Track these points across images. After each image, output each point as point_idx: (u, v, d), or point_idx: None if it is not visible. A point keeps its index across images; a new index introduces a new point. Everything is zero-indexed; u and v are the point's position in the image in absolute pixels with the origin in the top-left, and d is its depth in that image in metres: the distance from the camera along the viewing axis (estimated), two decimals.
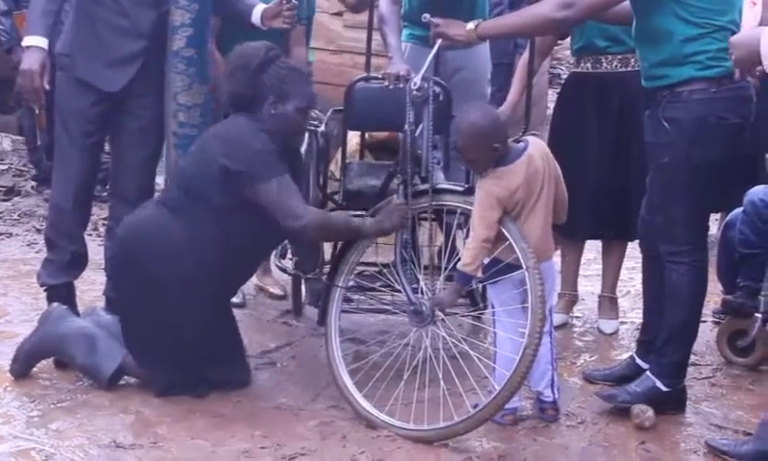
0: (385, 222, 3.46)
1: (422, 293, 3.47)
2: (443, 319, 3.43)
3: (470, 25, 3.54)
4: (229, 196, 3.44)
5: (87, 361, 3.67)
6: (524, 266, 3.28)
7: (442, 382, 3.36)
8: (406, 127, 3.47)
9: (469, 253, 3.33)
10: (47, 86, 3.71)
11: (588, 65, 4.36)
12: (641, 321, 3.92)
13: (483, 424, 3.29)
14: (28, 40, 3.75)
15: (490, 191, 3.34)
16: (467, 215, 3.75)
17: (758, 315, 3.66)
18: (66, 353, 3.73)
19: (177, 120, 3.95)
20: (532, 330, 3.22)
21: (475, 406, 3.36)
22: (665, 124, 3.33)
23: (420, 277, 3.48)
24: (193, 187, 3.52)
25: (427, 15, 3.59)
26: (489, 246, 3.34)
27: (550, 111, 5.44)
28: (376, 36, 4.31)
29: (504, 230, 3.33)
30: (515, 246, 3.30)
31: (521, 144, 3.47)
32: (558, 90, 5.47)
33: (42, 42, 3.72)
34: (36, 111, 6.52)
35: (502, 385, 3.24)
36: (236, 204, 3.44)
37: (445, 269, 3.58)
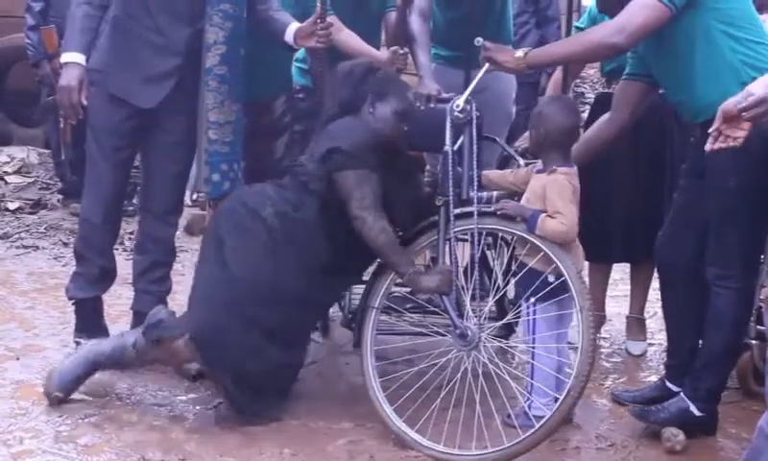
0: (426, 281, 3.42)
1: (467, 317, 3.44)
2: (485, 344, 3.41)
3: (519, 53, 3.53)
4: (322, 183, 3.47)
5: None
6: (577, 307, 3.26)
7: (478, 406, 3.34)
8: (447, 147, 3.47)
9: (562, 227, 3.35)
10: (85, 102, 3.72)
11: None
12: None
13: (515, 458, 3.27)
14: (66, 57, 3.77)
15: (567, 185, 3.43)
16: (495, 237, 3.76)
17: None
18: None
19: (207, 137, 3.96)
20: (579, 372, 3.21)
21: (508, 416, 3.41)
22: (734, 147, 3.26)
23: (467, 300, 3.46)
24: (300, 173, 3.56)
25: (480, 39, 3.59)
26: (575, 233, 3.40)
27: None
28: None
29: (561, 266, 3.31)
30: (570, 284, 3.28)
31: None
32: (584, 111, 5.46)
33: (81, 59, 3.74)
34: (62, 125, 6.56)
35: (542, 423, 3.23)
36: (327, 199, 3.47)
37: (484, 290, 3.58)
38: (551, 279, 3.39)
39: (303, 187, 3.54)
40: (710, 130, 2.93)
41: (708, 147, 2.96)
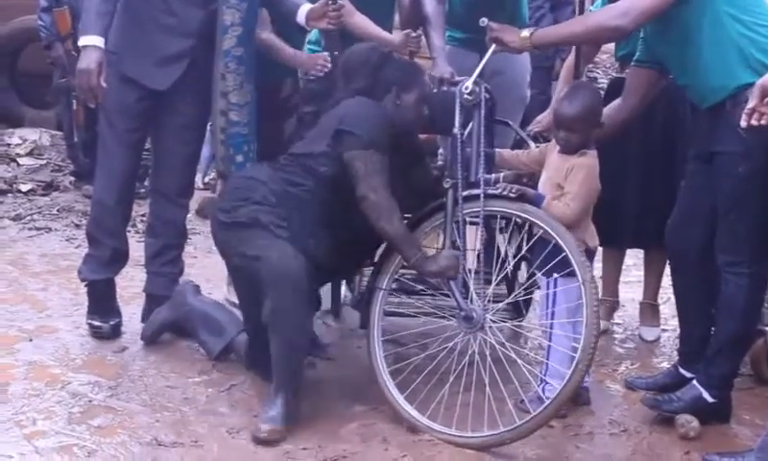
0: (432, 265, 3.40)
1: (472, 300, 3.42)
2: (491, 326, 3.41)
3: (525, 33, 3.51)
4: (332, 163, 3.44)
5: (203, 336, 3.90)
6: (580, 280, 3.25)
7: (488, 388, 3.34)
8: (455, 130, 3.46)
9: (566, 209, 3.39)
10: (104, 85, 3.71)
11: None
12: None
13: (529, 436, 3.27)
14: (84, 40, 3.73)
15: (595, 165, 3.48)
16: (508, 220, 3.75)
17: None
18: (190, 327, 3.94)
19: (228, 119, 3.96)
20: (586, 345, 3.19)
21: (521, 402, 3.41)
22: (742, 133, 3.18)
23: (471, 283, 3.45)
24: (302, 161, 3.52)
25: (485, 19, 3.57)
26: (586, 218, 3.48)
27: None
28: None
29: (561, 242, 3.31)
30: (571, 259, 3.27)
31: None
32: None
33: (99, 42, 3.71)
34: (74, 107, 6.57)
35: (552, 398, 3.23)
36: (336, 178, 3.43)
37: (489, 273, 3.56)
38: None
39: (306, 169, 3.50)
40: (747, 107, 2.91)
41: (743, 124, 2.94)
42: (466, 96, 3.49)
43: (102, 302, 4.14)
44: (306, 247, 3.39)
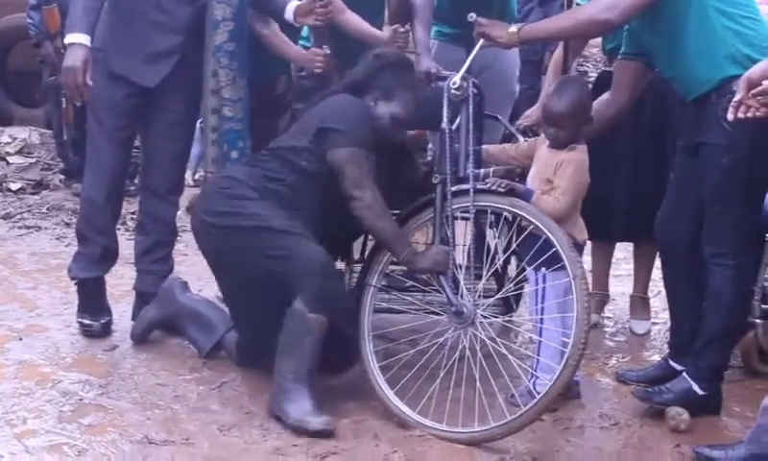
0: (422, 261, 3.40)
1: (462, 295, 3.42)
2: (481, 321, 3.41)
3: (513, 28, 3.51)
4: (315, 159, 3.45)
5: (193, 334, 3.90)
6: (571, 275, 3.25)
7: (478, 383, 3.34)
8: (443, 125, 3.45)
9: (556, 204, 3.39)
10: (90, 83, 3.70)
11: None
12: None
13: (519, 431, 3.27)
14: (70, 38, 3.72)
15: (585, 160, 3.48)
16: (498, 215, 3.75)
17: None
18: (179, 324, 3.92)
19: (221, 115, 3.96)
20: (576, 340, 3.19)
21: (512, 396, 3.41)
22: (726, 125, 3.19)
23: (461, 277, 3.45)
24: (284, 154, 3.54)
25: (473, 15, 3.57)
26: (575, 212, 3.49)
27: None
28: None
29: (551, 237, 3.31)
30: (561, 254, 3.27)
31: None
32: None
33: (85, 39, 3.70)
34: (63, 105, 6.56)
35: (543, 393, 3.22)
36: (318, 174, 3.45)
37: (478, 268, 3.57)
38: None
39: (286, 163, 3.51)
40: (734, 100, 2.92)
41: (729, 117, 2.95)
42: (453, 91, 3.49)
43: (92, 300, 4.14)
44: None
